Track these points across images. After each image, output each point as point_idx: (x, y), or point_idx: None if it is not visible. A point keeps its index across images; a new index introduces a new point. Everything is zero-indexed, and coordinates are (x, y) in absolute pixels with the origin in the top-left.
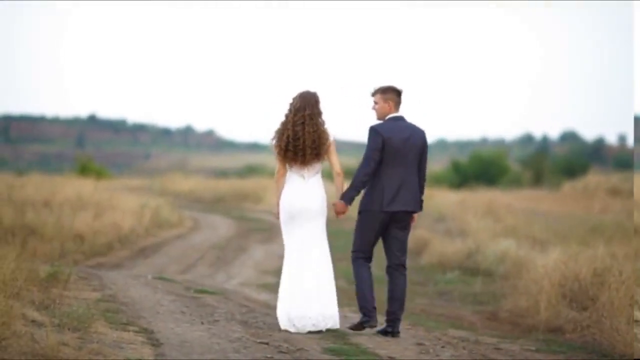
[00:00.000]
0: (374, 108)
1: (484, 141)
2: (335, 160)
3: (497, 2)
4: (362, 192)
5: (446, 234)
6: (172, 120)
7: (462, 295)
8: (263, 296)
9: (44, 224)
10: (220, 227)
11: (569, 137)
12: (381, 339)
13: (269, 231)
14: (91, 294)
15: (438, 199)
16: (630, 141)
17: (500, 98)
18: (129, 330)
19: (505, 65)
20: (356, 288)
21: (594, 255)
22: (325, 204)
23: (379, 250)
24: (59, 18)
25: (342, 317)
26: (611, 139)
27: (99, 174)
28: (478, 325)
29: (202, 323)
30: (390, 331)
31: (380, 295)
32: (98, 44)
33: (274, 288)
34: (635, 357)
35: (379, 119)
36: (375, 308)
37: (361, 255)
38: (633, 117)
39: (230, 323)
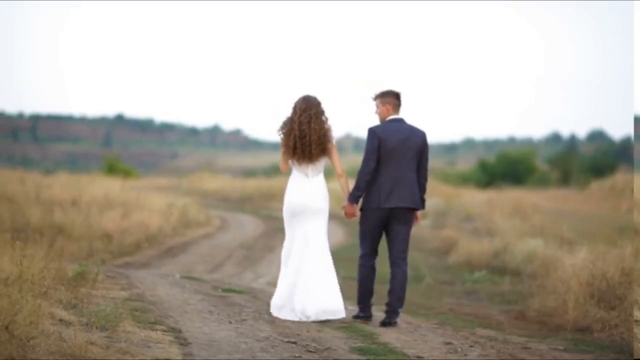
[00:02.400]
0: (376, 112)
1: (511, 140)
2: (337, 162)
3: (530, 1)
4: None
5: (474, 233)
6: (199, 119)
7: (489, 295)
8: None
9: (72, 223)
10: (248, 226)
11: (597, 136)
12: (409, 338)
13: None
14: (119, 293)
15: (465, 198)
16: None
17: (528, 97)
18: (156, 330)
19: (534, 64)
20: (357, 282)
21: (621, 254)
22: (327, 203)
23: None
24: (87, 18)
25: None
26: None
27: (126, 174)
28: (506, 325)
29: (230, 322)
30: (387, 322)
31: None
32: (126, 43)
33: None
34: (636, 357)
35: (380, 121)
36: (371, 304)
37: (366, 251)
38: (633, 117)
39: (258, 322)
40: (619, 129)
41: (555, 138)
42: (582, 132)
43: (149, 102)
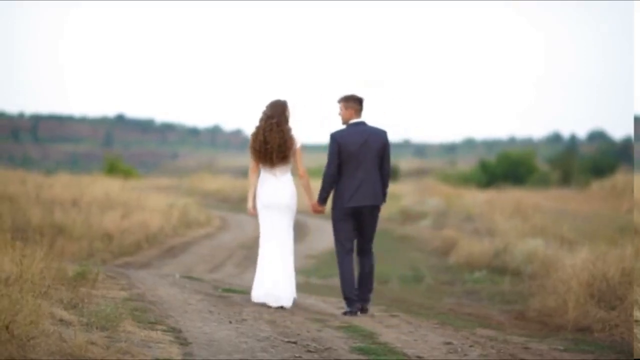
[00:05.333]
0: (339, 114)
1: (511, 140)
2: (300, 164)
3: (530, 1)
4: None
5: (474, 234)
6: (200, 119)
7: (490, 295)
8: None
9: (72, 223)
10: (248, 226)
11: (597, 136)
12: (409, 338)
13: (295, 230)
14: (119, 293)
15: (466, 199)
16: None
17: (528, 97)
18: (157, 329)
19: (535, 64)
20: (340, 278)
21: (622, 254)
22: (295, 200)
23: (397, 249)
24: (87, 18)
25: (370, 316)
26: None
27: (126, 174)
28: (506, 325)
29: (230, 322)
30: (360, 308)
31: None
32: (127, 43)
33: (301, 287)
34: (636, 357)
35: (343, 124)
36: (357, 297)
37: (341, 248)
38: (633, 117)
39: (258, 322)
40: (619, 129)
41: (555, 138)
42: (582, 132)
43: (149, 102)
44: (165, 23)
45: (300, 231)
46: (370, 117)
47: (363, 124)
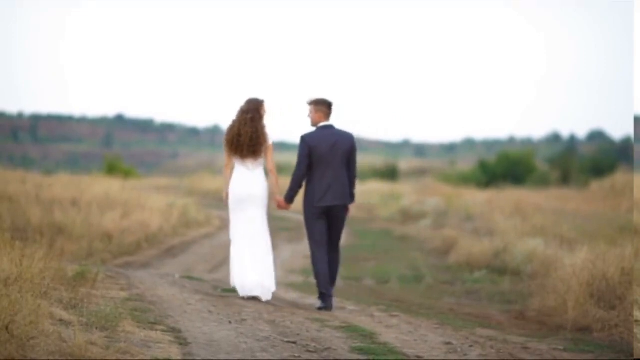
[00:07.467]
0: (308, 116)
1: (511, 140)
2: (270, 161)
3: (530, 1)
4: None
5: (474, 233)
6: (199, 119)
7: (489, 295)
8: (290, 295)
9: (72, 223)
10: None
11: (597, 136)
12: (409, 338)
13: (296, 230)
14: (119, 293)
15: (466, 198)
16: None
17: (528, 97)
18: (156, 330)
19: (535, 64)
20: (315, 275)
21: (622, 254)
22: (267, 192)
23: (400, 250)
24: (88, 18)
25: (370, 316)
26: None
27: (126, 174)
28: (506, 325)
29: (230, 322)
30: (323, 306)
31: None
32: (126, 43)
33: (301, 287)
34: (636, 357)
35: (312, 125)
36: (331, 295)
37: (315, 246)
38: (633, 117)
39: (258, 322)
40: (619, 129)
41: (555, 138)
42: (582, 132)
43: (149, 102)
44: (165, 23)
45: (300, 231)
46: (370, 116)
47: (331, 127)
